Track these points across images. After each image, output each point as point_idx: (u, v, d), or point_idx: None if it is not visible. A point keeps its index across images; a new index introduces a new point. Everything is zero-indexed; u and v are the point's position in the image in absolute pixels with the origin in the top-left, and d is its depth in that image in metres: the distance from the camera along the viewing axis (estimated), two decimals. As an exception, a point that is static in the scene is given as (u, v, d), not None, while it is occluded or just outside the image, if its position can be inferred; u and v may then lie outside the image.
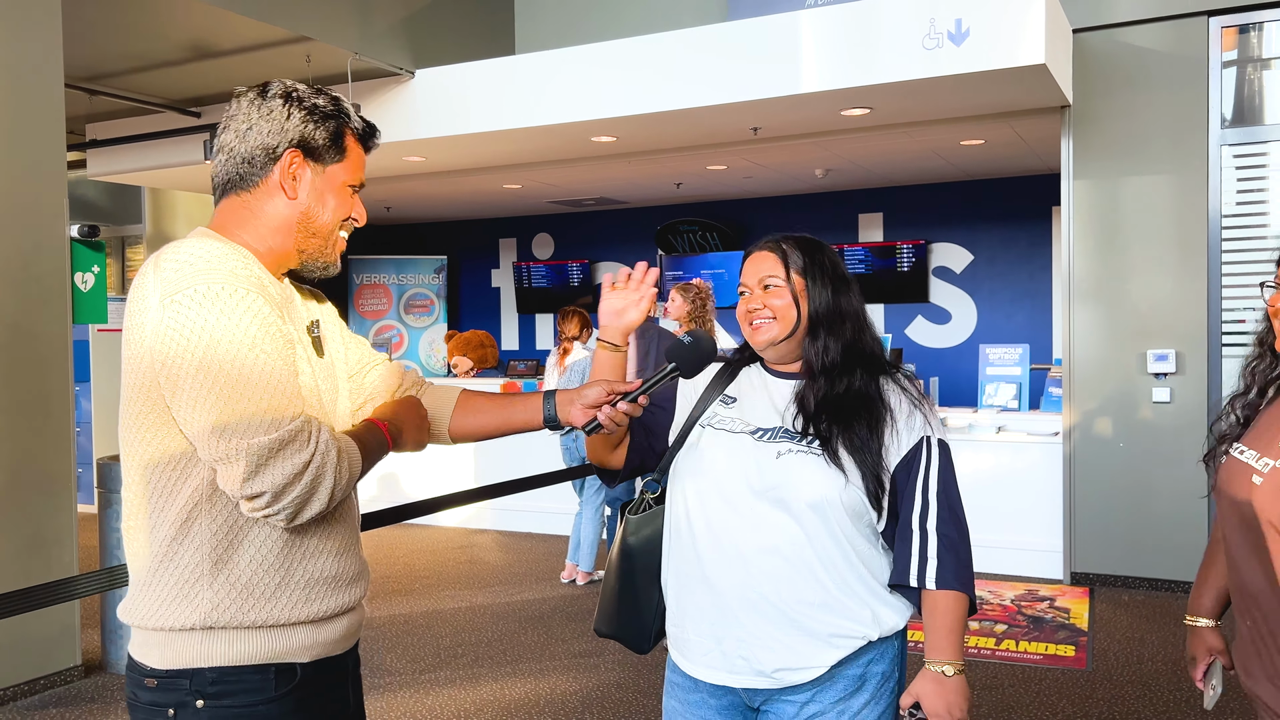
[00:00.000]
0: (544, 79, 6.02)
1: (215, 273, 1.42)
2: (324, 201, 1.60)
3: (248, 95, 1.57)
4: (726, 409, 1.84)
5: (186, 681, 1.46)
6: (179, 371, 1.40)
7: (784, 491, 1.70)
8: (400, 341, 10.87)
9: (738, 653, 1.71)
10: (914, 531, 1.71)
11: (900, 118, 6.00)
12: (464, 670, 4.37)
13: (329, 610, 1.54)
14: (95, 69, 6.12)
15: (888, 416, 1.75)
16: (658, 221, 10.10)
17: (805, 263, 1.81)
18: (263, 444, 1.37)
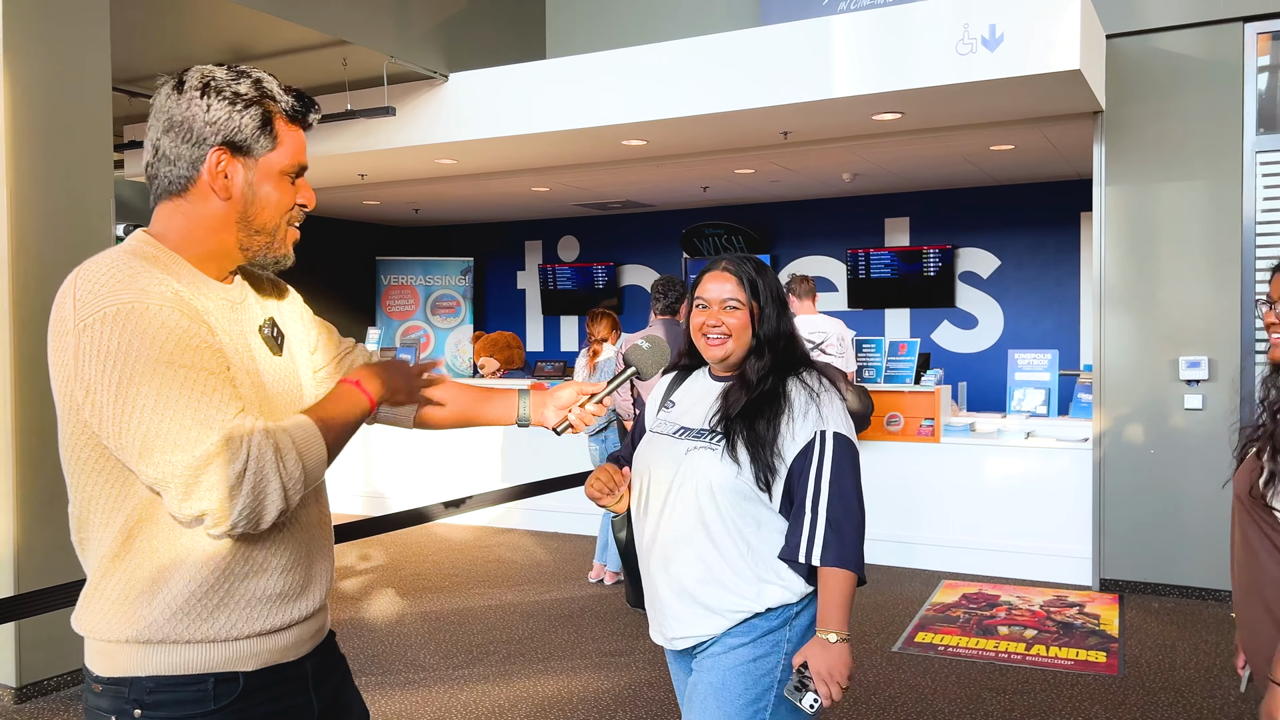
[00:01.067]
0: (576, 83, 6.07)
1: (125, 292, 1.36)
2: (261, 196, 1.49)
3: (165, 88, 1.47)
4: (667, 413, 2.10)
5: (126, 690, 1.42)
6: (99, 399, 1.34)
7: (687, 483, 1.96)
8: (427, 342, 10.95)
9: (662, 620, 2.04)
10: (805, 514, 1.92)
11: (931, 123, 6.01)
12: (496, 667, 4.41)
13: (273, 626, 1.48)
14: (135, 71, 6.22)
15: (786, 412, 1.96)
16: (683, 225, 10.13)
17: (761, 287, 2.03)
18: (187, 463, 1.32)
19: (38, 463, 4.10)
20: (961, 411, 6.90)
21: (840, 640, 1.90)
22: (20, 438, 4.05)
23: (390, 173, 7.83)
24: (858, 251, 9.21)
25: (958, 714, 3.86)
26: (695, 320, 2.04)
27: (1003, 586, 5.69)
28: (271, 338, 1.57)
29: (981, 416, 6.60)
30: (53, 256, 4.17)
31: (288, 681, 1.51)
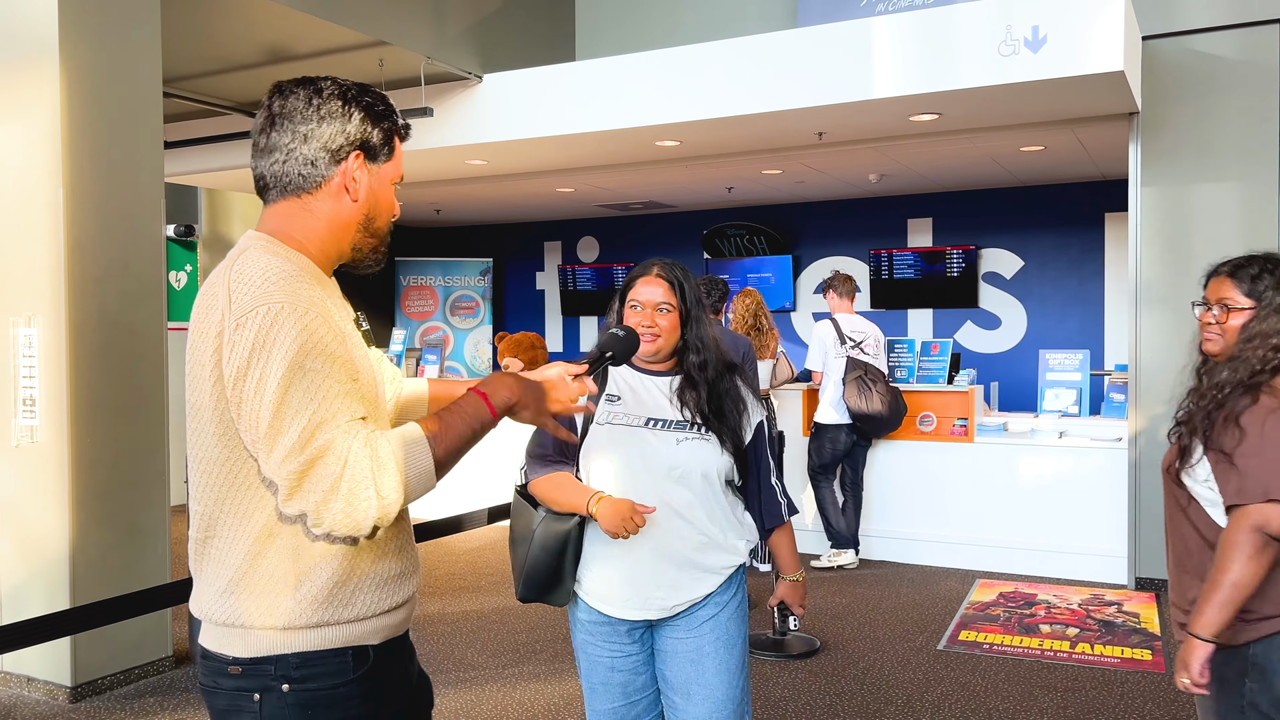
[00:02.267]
0: (610, 84, 6.09)
1: (278, 293, 1.44)
2: (379, 201, 1.62)
3: (299, 94, 1.55)
4: (615, 406, 2.30)
5: (271, 667, 1.51)
6: (242, 393, 1.43)
7: (685, 469, 2.24)
8: (446, 342, 10.96)
9: (653, 594, 2.24)
10: (773, 487, 2.39)
11: (968, 124, 6.03)
12: (545, 665, 4.43)
13: (396, 602, 1.61)
14: (172, 72, 6.24)
15: (744, 408, 2.36)
16: (704, 225, 10.15)
17: (687, 291, 2.33)
18: (293, 470, 1.40)
19: (93, 466, 4.11)
20: (993, 412, 6.92)
21: (802, 578, 2.49)
22: (76, 440, 4.07)
23: (422, 174, 7.84)
24: (880, 252, 9.23)
25: (1013, 712, 3.88)
26: (629, 320, 2.31)
27: (1039, 585, 5.71)
28: (365, 332, 1.65)
29: (1014, 416, 6.62)
30: (107, 259, 4.19)
31: (400, 652, 1.65)
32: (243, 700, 1.53)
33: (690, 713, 2.27)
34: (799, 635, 4.72)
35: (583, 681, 2.37)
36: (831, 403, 6.06)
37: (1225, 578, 1.99)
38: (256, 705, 1.52)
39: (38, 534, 4.12)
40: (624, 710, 2.32)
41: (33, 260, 4.12)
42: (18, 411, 4.16)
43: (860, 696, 4.04)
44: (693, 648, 2.27)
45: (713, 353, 2.33)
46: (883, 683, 4.19)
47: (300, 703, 1.52)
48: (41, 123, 4.07)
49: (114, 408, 4.20)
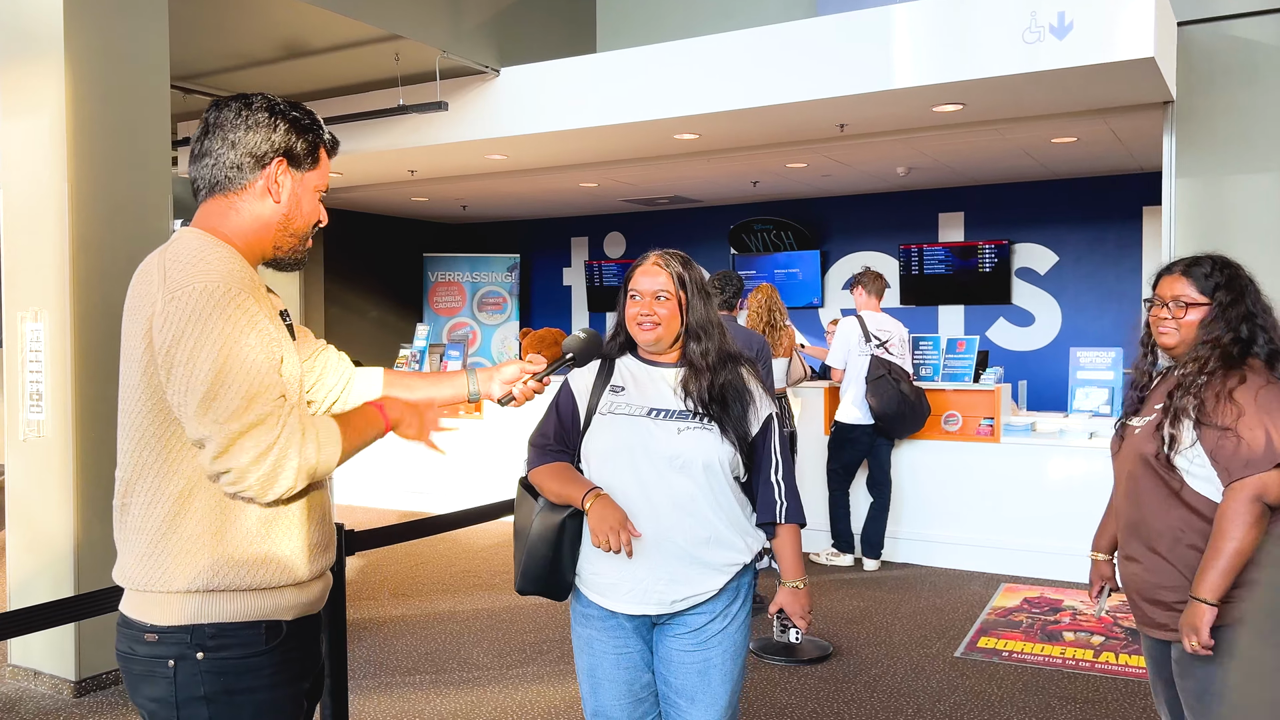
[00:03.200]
0: (628, 76, 6.00)
1: (214, 273, 1.58)
2: (300, 205, 1.76)
3: (231, 106, 1.71)
4: (618, 396, 2.28)
5: (187, 636, 1.60)
6: (174, 359, 1.55)
7: (686, 458, 2.19)
8: (473, 338, 10.96)
9: (654, 588, 2.19)
10: (772, 484, 2.29)
11: (993, 114, 5.87)
12: (551, 666, 4.36)
13: (312, 573, 1.71)
14: (190, 68, 6.26)
15: (751, 400, 2.29)
16: (731, 220, 10.04)
17: (688, 280, 2.28)
18: (233, 428, 1.53)
19: (97, 459, 4.11)
20: (1021, 411, 6.74)
21: (805, 585, 2.35)
22: (81, 434, 4.07)
23: (440, 169, 7.82)
24: (910, 247, 9.05)
25: (1027, 723, 3.74)
26: (629, 311, 2.29)
27: (1065, 590, 5.53)
28: (289, 326, 1.79)
29: (1042, 416, 6.44)
30: (112, 253, 4.19)
31: (311, 631, 1.77)
32: (158, 667, 1.61)
33: (693, 716, 2.25)
34: (810, 639, 4.61)
35: (583, 677, 2.32)
36: (854, 402, 5.92)
37: (1228, 545, 2.14)
38: (171, 671, 1.60)
39: (44, 527, 4.13)
40: (630, 707, 2.28)
41: (39, 255, 4.12)
42: (25, 406, 4.18)
43: (869, 704, 3.92)
44: (700, 659, 2.24)
45: (715, 341, 2.28)
46: (894, 690, 4.07)
47: (213, 670, 1.60)
48: (47, 118, 4.07)
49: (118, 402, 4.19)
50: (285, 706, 1.70)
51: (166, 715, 1.62)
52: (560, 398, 2.36)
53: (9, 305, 4.23)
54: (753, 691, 4.03)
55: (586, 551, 2.25)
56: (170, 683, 1.60)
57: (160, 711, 1.62)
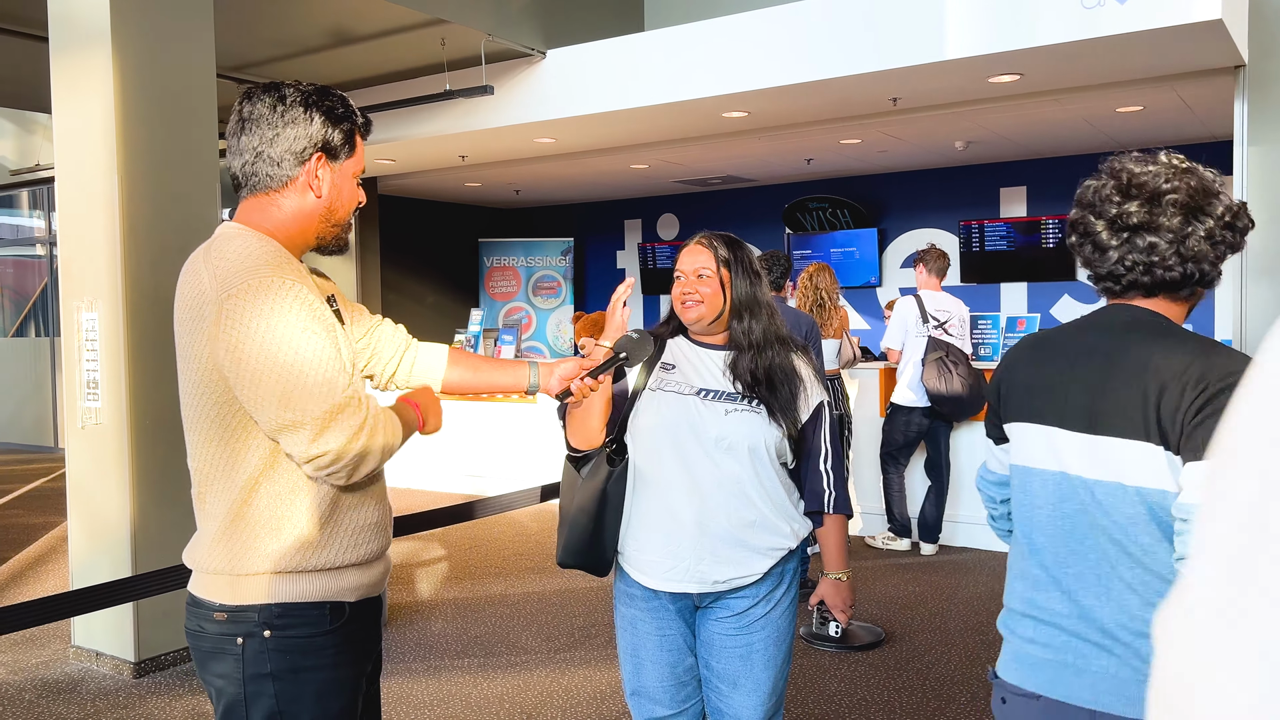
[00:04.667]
0: (675, 55, 5.91)
1: (263, 267, 1.60)
2: (341, 194, 1.78)
3: (265, 100, 1.71)
4: (669, 374, 2.27)
5: (254, 614, 1.65)
6: (242, 358, 1.57)
7: (732, 440, 2.17)
8: (529, 323, 10.99)
9: (696, 567, 2.16)
10: (821, 472, 2.28)
11: (1053, 84, 5.66)
12: (596, 651, 4.35)
13: (372, 554, 1.76)
14: (238, 57, 6.33)
15: (801, 385, 2.26)
16: (786, 199, 9.89)
17: (731, 258, 2.26)
18: (323, 411, 1.57)
19: (152, 445, 4.19)
20: (1085, 390, 6.52)
21: (847, 578, 2.33)
22: (136, 420, 4.15)
23: (490, 153, 7.82)
24: (971, 223, 8.82)
25: None
26: (675, 291, 2.28)
27: (1131, 576, 5.35)
28: (336, 311, 1.81)
29: (1107, 396, 6.22)
30: (162, 243, 4.25)
31: (371, 614, 1.82)
32: (226, 645, 1.66)
33: (736, 701, 2.23)
34: (863, 625, 4.52)
35: (625, 657, 2.30)
36: (909, 384, 5.79)
37: None
38: (239, 649, 1.66)
39: (103, 511, 4.23)
40: (673, 689, 2.27)
41: (93, 246, 4.20)
42: (82, 394, 4.27)
43: (921, 692, 3.83)
44: (743, 644, 2.23)
45: (763, 321, 2.25)
46: (948, 679, 3.97)
47: (280, 648, 1.65)
48: (97, 111, 4.14)
49: (170, 389, 4.24)
50: (347, 686, 1.75)
51: (234, 692, 1.67)
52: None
53: (65, 295, 4.33)
54: (802, 678, 3.97)
55: (629, 527, 2.24)
56: (238, 660, 1.66)
57: (228, 688, 1.68)
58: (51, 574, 5.75)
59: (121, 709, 3.83)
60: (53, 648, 4.48)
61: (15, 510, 7.73)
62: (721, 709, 2.26)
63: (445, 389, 2.09)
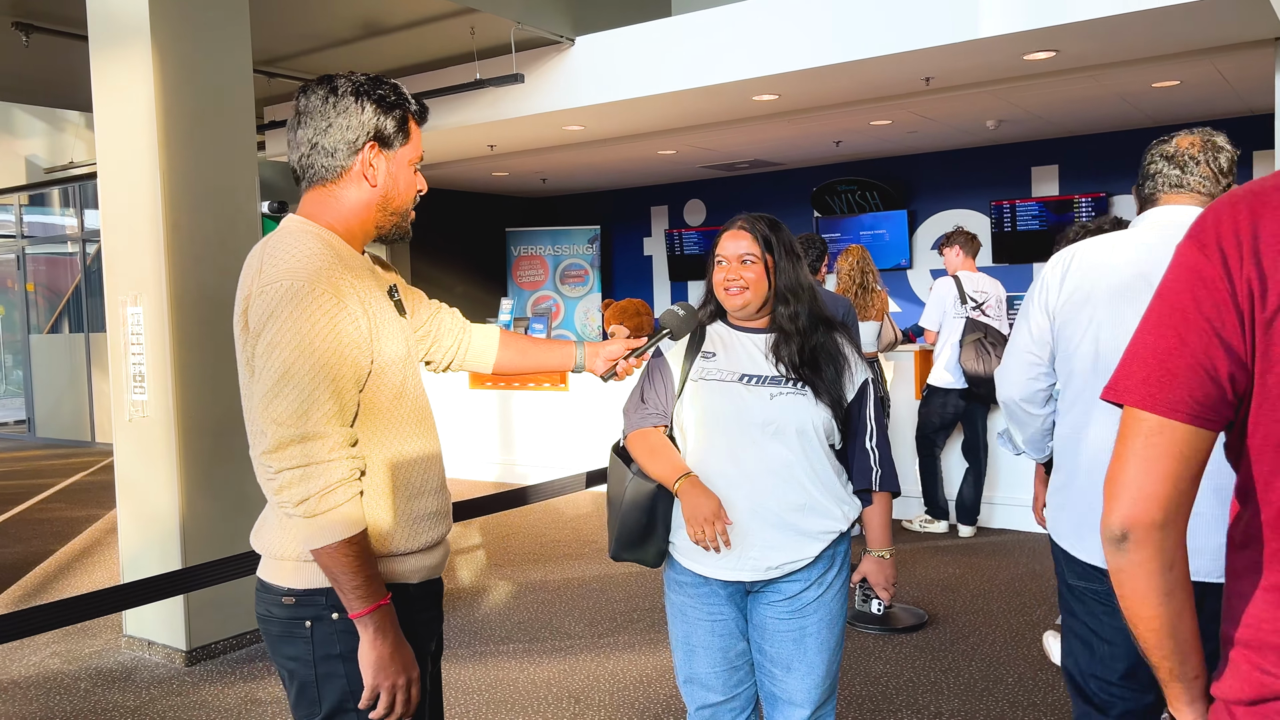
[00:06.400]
0: (704, 39, 5.89)
1: (301, 267, 1.61)
2: (397, 183, 1.77)
3: (318, 93, 1.72)
4: (710, 362, 2.26)
5: (322, 598, 1.68)
6: (257, 350, 1.61)
7: (780, 424, 2.16)
8: (557, 311, 11.01)
9: (748, 554, 2.16)
10: (868, 450, 2.27)
11: (1088, 60, 5.59)
12: (642, 635, 4.37)
13: (432, 540, 1.78)
14: (274, 52, 6.37)
15: (845, 365, 2.25)
16: (814, 182, 9.84)
17: (775, 242, 2.24)
18: (287, 434, 1.57)
19: (199, 437, 4.24)
20: (1123, 370, 6.46)
21: (890, 555, 2.33)
22: (182, 413, 4.20)
23: (519, 142, 7.83)
24: (1003, 203, 8.74)
25: (1136, 693, 3.60)
26: (716, 277, 2.27)
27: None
28: (397, 302, 1.82)
29: (1146, 374, 6.15)
30: (204, 236, 4.29)
31: (433, 595, 1.85)
32: (296, 628, 1.70)
33: (790, 684, 2.23)
34: (905, 608, 4.52)
35: (677, 645, 2.31)
36: (947, 365, 5.75)
37: None
38: (308, 631, 1.69)
39: (151, 504, 4.29)
40: (725, 675, 2.27)
41: (136, 240, 4.25)
42: (129, 387, 4.33)
43: (968, 673, 3.83)
44: (796, 627, 2.22)
45: (806, 305, 2.24)
46: (993, 659, 3.96)
47: (348, 629, 1.66)
48: (139, 107, 4.18)
49: (216, 381, 4.31)
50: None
51: (305, 673, 1.70)
52: (653, 365, 2.36)
53: (110, 290, 4.38)
54: (847, 660, 3.97)
55: (680, 517, 2.23)
56: (308, 642, 1.69)
57: (300, 670, 1.71)
58: (98, 565, 5.84)
59: (175, 696, 3.89)
60: (105, 637, 4.56)
61: (58, 504, 7.85)
62: (775, 693, 2.26)
63: (496, 370, 2.12)
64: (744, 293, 2.23)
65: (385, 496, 1.71)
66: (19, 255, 11.96)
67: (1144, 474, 1.06)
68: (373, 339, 1.67)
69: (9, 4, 5.42)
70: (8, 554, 6.18)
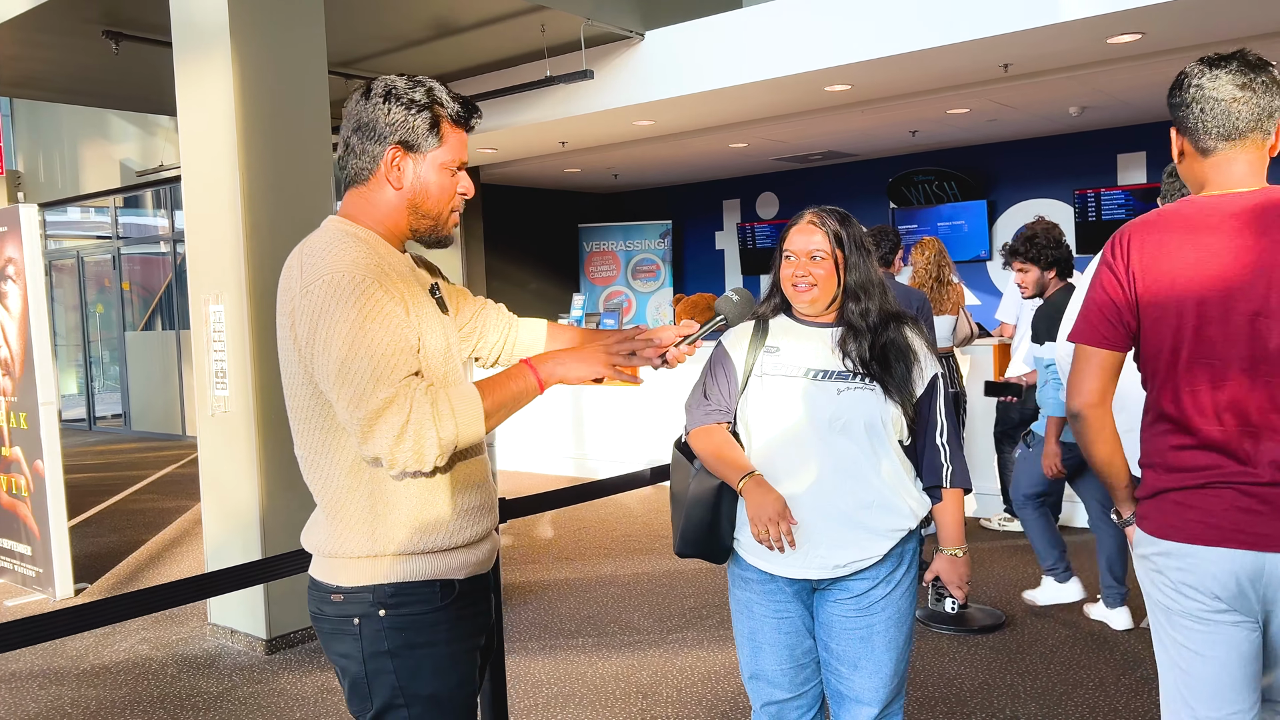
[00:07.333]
0: (775, 30, 5.82)
1: (342, 264, 1.63)
2: (427, 186, 1.76)
3: (358, 94, 1.75)
4: (774, 357, 2.22)
5: (369, 595, 1.70)
6: (314, 350, 1.63)
7: (847, 419, 2.13)
8: (629, 306, 11.03)
9: (814, 552, 2.13)
10: (938, 446, 2.22)
11: (1177, 42, 5.37)
12: (711, 632, 4.35)
13: (477, 535, 1.79)
14: (349, 54, 6.49)
15: (915, 359, 2.20)
16: (890, 173, 9.67)
17: (845, 237, 2.19)
18: (362, 417, 1.59)
19: (278, 431, 4.35)
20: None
21: (964, 553, 2.28)
22: (262, 409, 4.32)
23: (590, 138, 7.85)
24: (1087, 192, 8.47)
25: None
26: (784, 272, 2.22)
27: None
28: (439, 300, 1.83)
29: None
30: (283, 236, 4.40)
31: (481, 590, 1.85)
32: (345, 625, 1.72)
33: (857, 683, 2.20)
34: (982, 608, 4.41)
35: (742, 641, 2.29)
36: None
37: None
38: (357, 629, 1.71)
39: (233, 496, 4.42)
40: (792, 673, 2.25)
41: (217, 240, 4.38)
42: (211, 383, 4.47)
43: (1046, 676, 3.72)
44: (863, 625, 2.19)
45: (876, 300, 2.20)
46: (1073, 663, 3.84)
47: (395, 626, 1.71)
48: (219, 110, 4.30)
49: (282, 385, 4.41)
50: (462, 660, 1.79)
51: (356, 670, 1.73)
52: (715, 360, 2.32)
53: (193, 289, 4.52)
54: (920, 661, 3.90)
55: (745, 515, 2.21)
56: (357, 639, 1.71)
57: (350, 666, 1.74)
58: (186, 554, 6.05)
59: (256, 684, 4.00)
60: (191, 625, 4.72)
61: (150, 495, 8.15)
62: (842, 691, 2.23)
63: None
64: (812, 289, 2.19)
65: (428, 490, 1.72)
66: (115, 255, 12.45)
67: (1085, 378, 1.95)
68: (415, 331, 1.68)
69: (100, 13, 5.63)
70: (103, 543, 6.45)
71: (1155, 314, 1.86)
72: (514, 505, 3.05)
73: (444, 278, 1.96)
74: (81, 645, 4.51)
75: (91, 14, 5.64)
